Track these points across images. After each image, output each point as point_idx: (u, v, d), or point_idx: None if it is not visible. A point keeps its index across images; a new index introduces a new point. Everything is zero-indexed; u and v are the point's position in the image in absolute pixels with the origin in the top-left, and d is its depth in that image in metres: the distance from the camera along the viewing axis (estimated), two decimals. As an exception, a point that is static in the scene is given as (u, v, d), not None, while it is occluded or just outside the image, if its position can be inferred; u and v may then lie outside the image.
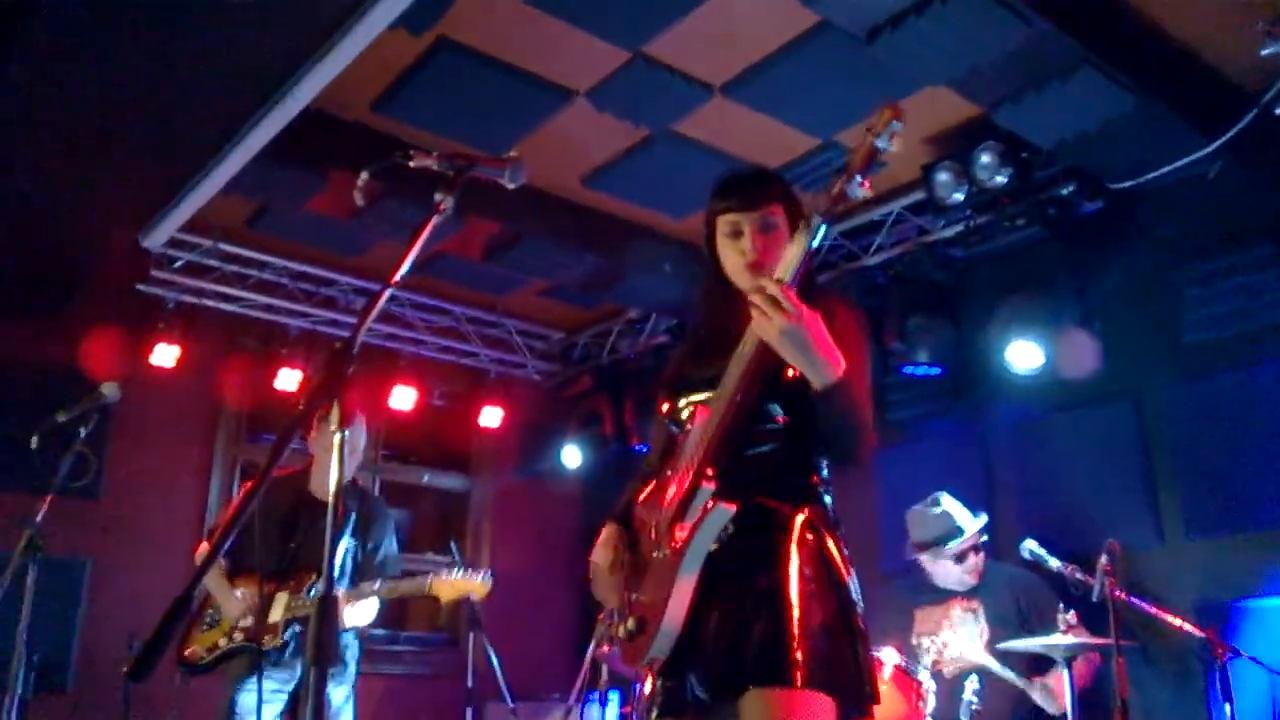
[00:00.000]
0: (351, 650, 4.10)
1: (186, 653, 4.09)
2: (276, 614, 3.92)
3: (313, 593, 3.89)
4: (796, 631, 1.98)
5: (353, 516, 4.13)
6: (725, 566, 2.08)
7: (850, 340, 2.15)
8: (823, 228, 1.94)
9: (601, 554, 2.31)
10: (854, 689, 2.03)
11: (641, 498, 2.31)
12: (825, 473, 2.24)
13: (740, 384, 2.07)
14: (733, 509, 2.03)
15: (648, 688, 2.17)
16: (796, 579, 2.04)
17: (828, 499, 2.22)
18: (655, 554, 2.15)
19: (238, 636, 4.02)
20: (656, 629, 2.04)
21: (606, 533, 2.35)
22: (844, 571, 2.13)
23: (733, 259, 2.29)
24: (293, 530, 4.04)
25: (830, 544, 2.13)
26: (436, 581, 3.91)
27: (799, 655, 1.96)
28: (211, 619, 4.12)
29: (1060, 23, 3.82)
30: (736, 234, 2.28)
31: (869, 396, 2.14)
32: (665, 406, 2.34)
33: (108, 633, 5.29)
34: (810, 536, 2.11)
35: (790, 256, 1.97)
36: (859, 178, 1.90)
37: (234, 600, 4.02)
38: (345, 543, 4.05)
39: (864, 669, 2.06)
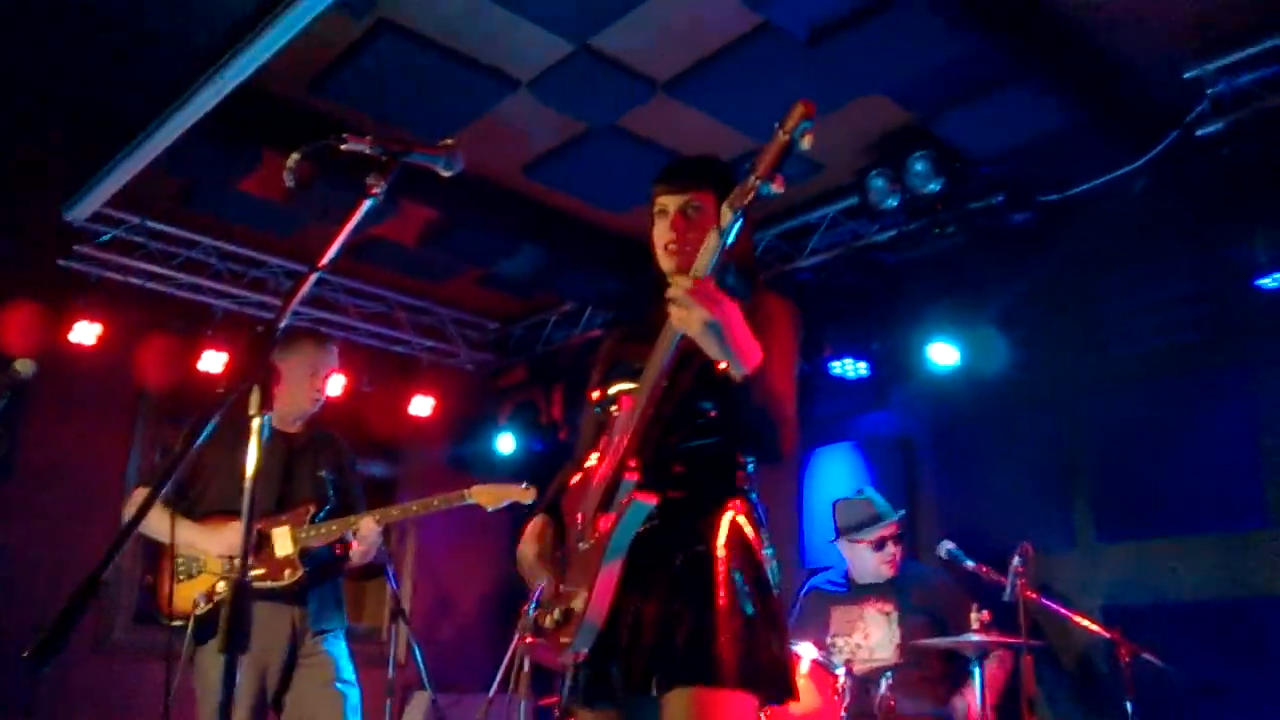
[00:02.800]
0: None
1: (174, 608, 3.65)
2: (285, 548, 3.63)
3: (319, 518, 3.70)
4: (721, 628, 1.99)
5: (319, 447, 3.93)
6: (650, 559, 2.08)
7: (781, 334, 2.17)
8: (736, 222, 1.89)
9: (527, 546, 2.30)
10: (775, 683, 2.05)
11: (570, 485, 2.31)
12: (752, 469, 2.25)
13: (661, 373, 2.06)
14: (653, 502, 2.03)
15: (570, 679, 2.16)
16: (723, 575, 2.05)
17: (754, 495, 2.23)
18: (580, 544, 2.15)
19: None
20: (580, 621, 2.03)
21: (534, 524, 2.34)
22: (767, 568, 2.14)
23: (657, 241, 2.30)
24: (269, 468, 3.69)
25: (755, 541, 2.14)
26: (477, 489, 3.75)
27: (724, 653, 1.96)
28: (189, 567, 3.72)
29: (996, 37, 3.92)
30: (663, 215, 2.29)
31: (793, 392, 2.15)
32: (595, 394, 2.34)
33: (20, 618, 5.13)
34: (737, 533, 2.12)
35: (706, 248, 1.96)
36: (772, 174, 1.88)
37: (213, 537, 3.63)
38: (322, 474, 3.83)
39: (784, 663, 2.08)
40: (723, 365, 1.98)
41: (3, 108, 4.49)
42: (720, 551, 2.08)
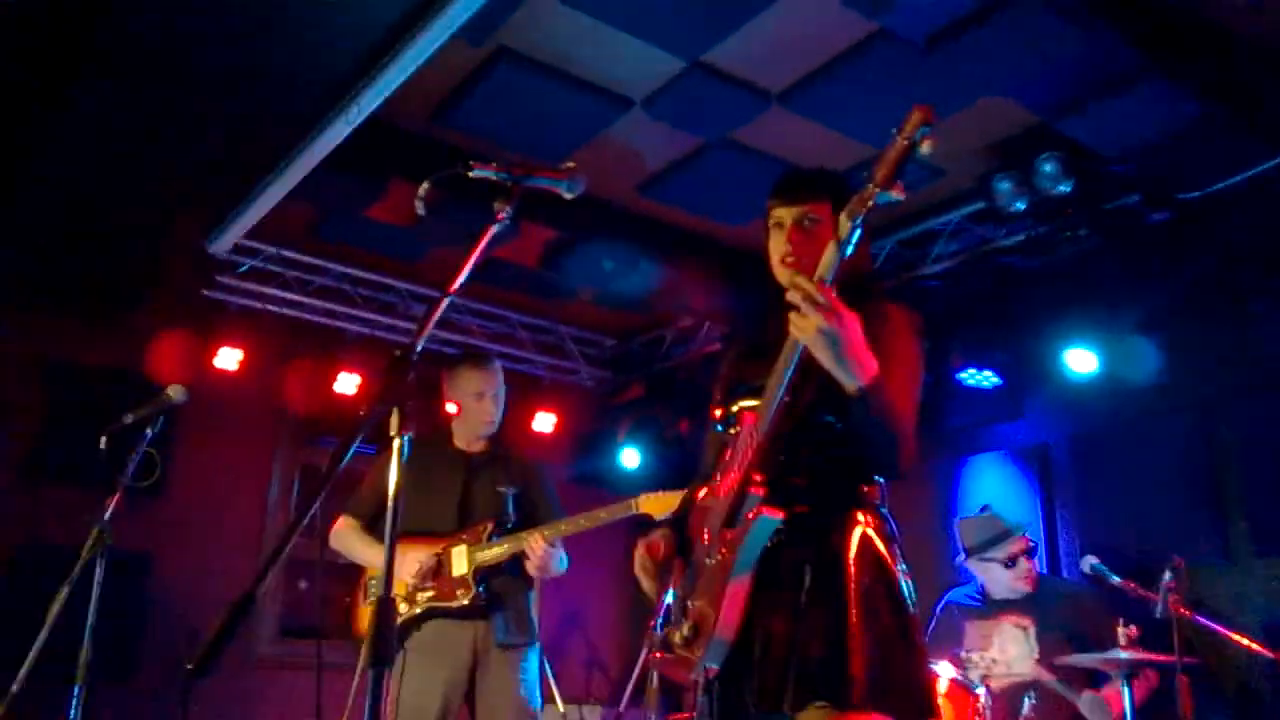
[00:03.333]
0: (533, 608, 3.90)
1: (363, 629, 3.85)
2: (460, 567, 3.70)
3: (497, 536, 3.74)
4: (854, 646, 1.94)
5: (502, 463, 3.98)
6: (781, 576, 2.05)
7: (901, 346, 2.13)
8: (855, 232, 1.88)
9: (648, 560, 2.30)
10: (911, 705, 1.99)
11: (696, 501, 2.30)
12: (883, 480, 2.20)
13: (783, 387, 2.03)
14: (779, 516, 2.01)
15: (702, 695, 2.13)
16: (855, 591, 2.01)
17: (884, 508, 2.18)
18: (708, 559, 2.13)
19: (422, 598, 3.73)
20: (710, 637, 2.01)
21: (654, 538, 2.34)
22: (901, 584, 2.09)
23: (773, 254, 2.28)
24: (450, 487, 3.88)
25: (888, 555, 2.09)
26: (644, 498, 3.69)
27: (857, 672, 1.92)
28: (376, 591, 3.78)
29: (1122, 31, 3.77)
30: (778, 228, 2.27)
31: (913, 408, 2.11)
32: (718, 411, 2.33)
33: (170, 627, 5.42)
34: (868, 547, 2.08)
35: (827, 257, 1.93)
36: (892, 181, 1.85)
37: (404, 562, 3.70)
38: (502, 490, 3.86)
39: (922, 683, 2.03)
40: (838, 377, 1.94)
41: (145, 146, 4.77)
42: (851, 566, 2.04)
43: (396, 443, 1.56)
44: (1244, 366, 4.60)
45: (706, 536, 2.17)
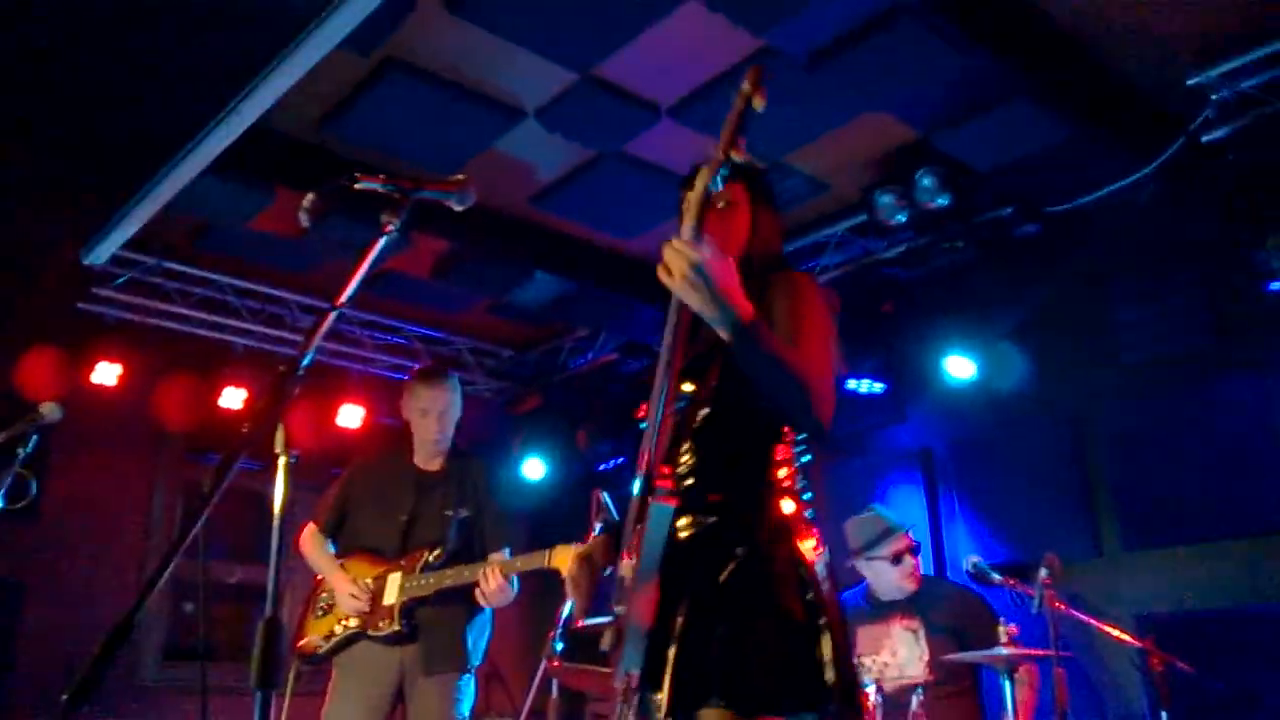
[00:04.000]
0: (473, 635, 3.84)
1: (301, 643, 3.84)
2: (391, 596, 3.71)
3: (429, 570, 3.72)
4: (751, 646, 1.88)
5: (454, 485, 3.91)
6: (686, 572, 1.96)
7: (810, 306, 2.09)
8: (714, 184, 1.93)
9: (574, 566, 2.24)
10: (817, 696, 1.90)
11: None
12: (798, 463, 2.11)
13: (671, 357, 1.96)
14: (670, 504, 1.89)
15: (621, 704, 1.99)
16: (765, 585, 1.94)
17: (802, 486, 2.10)
18: (629, 561, 2.01)
19: (352, 623, 3.77)
20: (625, 640, 1.93)
21: (586, 546, 2.29)
22: (815, 571, 1.99)
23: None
24: (399, 506, 3.85)
25: (796, 542, 2.01)
26: (558, 551, 3.58)
27: (755, 672, 1.87)
28: (326, 604, 3.88)
29: (997, 52, 3.94)
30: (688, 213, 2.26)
31: (827, 360, 2.04)
32: (638, 413, 2.22)
33: (46, 656, 5.17)
34: (778, 538, 2.00)
35: (687, 213, 1.95)
36: (734, 141, 1.95)
37: (344, 584, 3.78)
38: (449, 514, 3.82)
39: (829, 672, 1.90)
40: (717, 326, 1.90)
41: (19, 154, 4.57)
42: (763, 555, 1.96)
43: (282, 460, 1.54)
44: (1110, 371, 4.85)
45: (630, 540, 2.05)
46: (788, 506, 2.05)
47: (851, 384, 5.36)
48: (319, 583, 3.97)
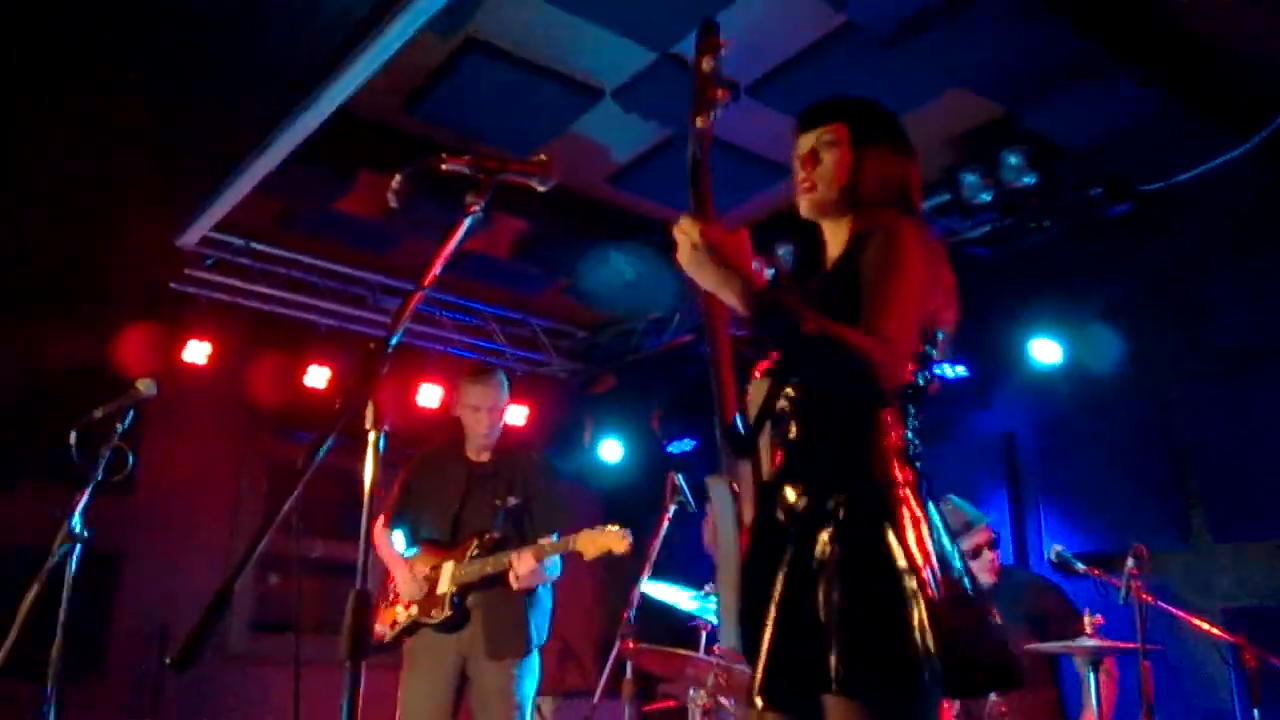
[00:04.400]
0: (535, 618, 3.99)
1: (376, 629, 4.00)
2: (444, 585, 3.91)
3: (477, 557, 3.90)
4: (831, 632, 1.75)
5: (504, 475, 4.09)
6: (780, 551, 1.87)
7: (895, 250, 1.90)
8: (697, 149, 2.00)
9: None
10: (895, 684, 1.75)
11: None
12: (894, 424, 1.92)
13: (713, 341, 1.93)
14: (722, 481, 1.87)
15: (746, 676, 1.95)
16: (834, 572, 1.80)
17: (906, 453, 1.92)
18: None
19: (413, 611, 3.99)
20: (721, 619, 1.94)
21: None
22: (910, 548, 1.80)
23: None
24: (451, 498, 4.06)
25: (901, 517, 1.83)
26: (581, 537, 3.74)
27: (834, 660, 1.74)
28: (394, 593, 4.11)
29: (1085, 24, 3.82)
30: (797, 160, 2.19)
31: (899, 309, 1.84)
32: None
33: (140, 625, 5.38)
34: (870, 513, 1.83)
35: (695, 192, 1.98)
36: (699, 110, 2.03)
37: (404, 575, 4.01)
38: (498, 503, 4.01)
39: (915, 656, 1.73)
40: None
41: (111, 140, 4.72)
42: (850, 535, 1.81)
43: (371, 437, 1.56)
44: (1202, 355, 4.69)
45: None
46: (895, 475, 1.87)
47: (937, 368, 5.27)
48: (389, 576, 4.17)
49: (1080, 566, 3.94)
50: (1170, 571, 4.51)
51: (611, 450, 7.01)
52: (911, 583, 1.77)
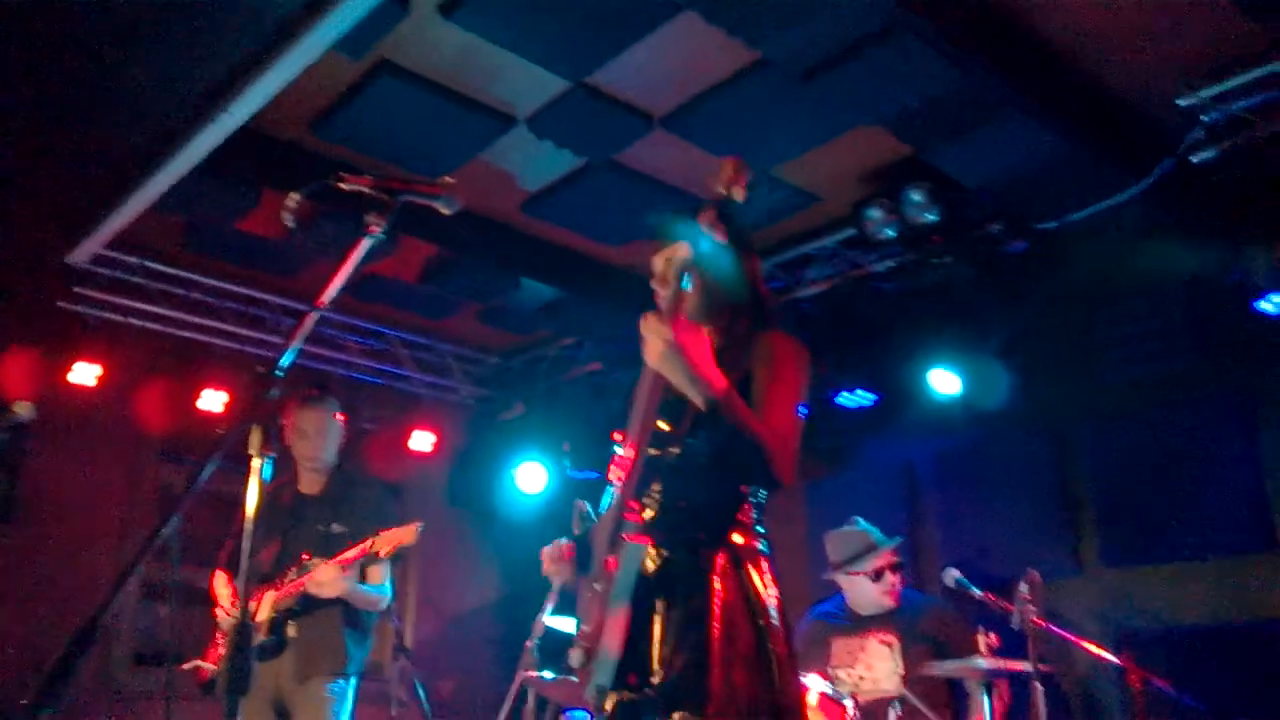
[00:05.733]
0: (353, 644, 3.95)
1: (205, 670, 4.01)
2: (262, 613, 3.86)
3: (290, 580, 3.85)
4: (713, 661, 2.07)
5: (330, 503, 4.06)
6: (653, 600, 2.17)
7: (782, 365, 2.29)
8: (685, 276, 2.19)
9: (548, 555, 2.44)
10: (774, 714, 2.09)
11: (600, 520, 2.38)
12: (760, 499, 2.29)
13: (646, 413, 2.17)
14: (644, 544, 2.12)
15: (598, 712, 2.22)
16: (717, 610, 2.13)
17: (760, 527, 2.28)
18: (596, 585, 2.23)
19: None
20: (596, 659, 2.12)
21: (560, 543, 2.45)
22: (764, 601, 2.18)
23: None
24: (276, 530, 3.98)
25: (753, 575, 2.20)
26: (382, 536, 3.78)
27: (714, 685, 2.05)
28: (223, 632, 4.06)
29: (990, 67, 3.95)
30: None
31: (791, 421, 2.24)
32: (617, 434, 2.41)
33: (16, 660, 5.09)
34: (731, 570, 2.18)
35: (668, 297, 2.22)
36: (715, 224, 2.20)
37: (223, 611, 3.99)
38: (321, 528, 3.96)
39: (777, 696, 2.11)
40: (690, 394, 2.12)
41: (4, 151, 4.52)
42: (715, 585, 2.16)
43: (256, 462, 1.51)
44: (1094, 389, 4.87)
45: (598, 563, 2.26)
46: (743, 540, 2.24)
47: (844, 399, 5.37)
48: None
49: (976, 591, 4.03)
50: (1062, 597, 4.64)
51: (533, 477, 6.93)
52: (767, 643, 2.13)
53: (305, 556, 3.87)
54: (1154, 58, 4.01)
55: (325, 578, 3.75)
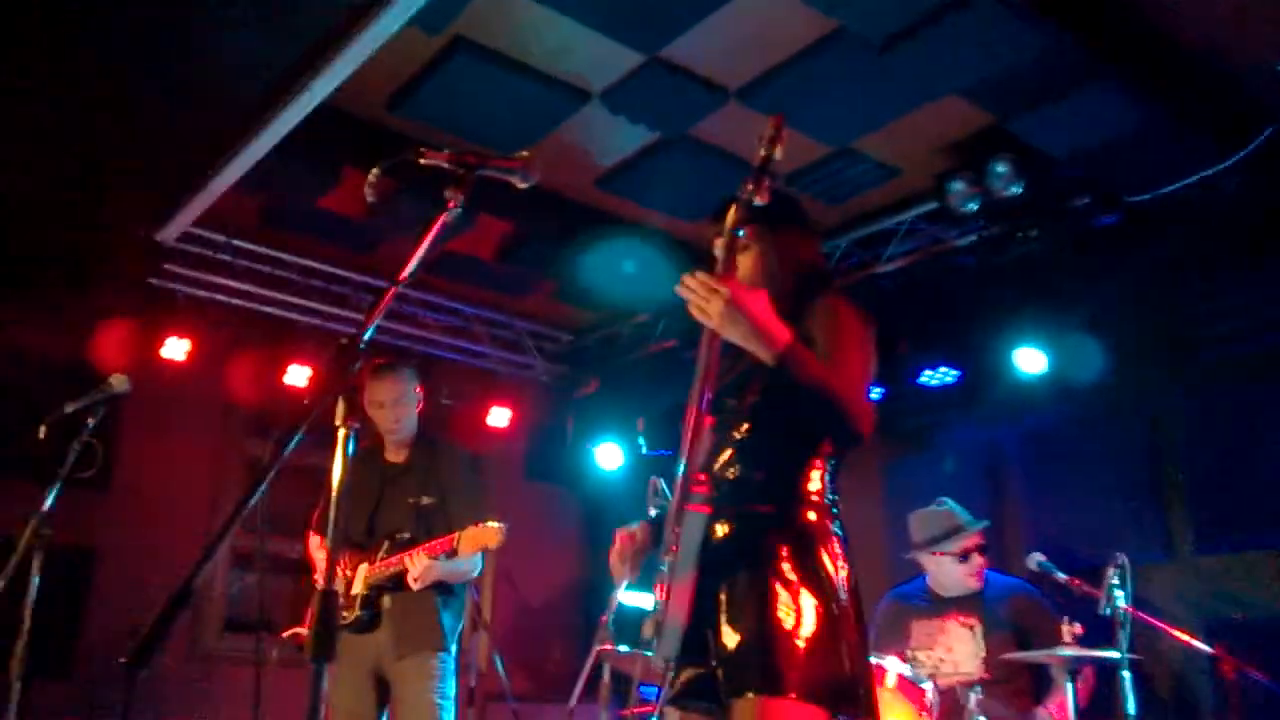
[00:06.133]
0: (449, 617, 3.95)
1: (300, 633, 4.07)
2: (356, 586, 3.89)
3: (385, 558, 3.88)
4: (781, 637, 2.05)
5: (418, 473, 4.05)
6: (719, 572, 2.14)
7: (845, 326, 2.24)
8: (739, 232, 2.16)
9: (617, 545, 2.42)
10: (844, 697, 2.07)
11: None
12: (830, 470, 2.26)
13: (702, 380, 2.10)
14: (704, 513, 2.08)
15: (665, 689, 2.22)
16: (787, 592, 2.11)
17: (831, 497, 2.24)
18: (668, 558, 2.20)
19: None
20: (664, 629, 2.10)
21: (634, 526, 2.45)
22: (834, 578, 2.15)
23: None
24: (367, 499, 4.02)
25: (823, 557, 2.17)
26: (465, 534, 3.72)
27: (784, 663, 2.03)
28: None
29: (1076, 33, 3.81)
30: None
31: (861, 372, 2.20)
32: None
33: (113, 622, 5.31)
34: (802, 549, 2.16)
35: (721, 253, 2.17)
36: (760, 186, 2.16)
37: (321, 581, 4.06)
38: (411, 500, 3.96)
39: (856, 677, 2.09)
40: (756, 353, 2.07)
41: (93, 132, 4.66)
42: (783, 561, 2.14)
43: (341, 433, 1.53)
44: (1186, 367, 4.70)
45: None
46: (815, 517, 2.21)
47: (925, 377, 5.27)
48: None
49: (1061, 576, 3.93)
50: (1152, 583, 4.50)
51: (610, 456, 6.97)
52: (839, 624, 2.11)
53: (398, 537, 3.89)
54: (1250, 21, 3.82)
55: (420, 571, 3.75)
